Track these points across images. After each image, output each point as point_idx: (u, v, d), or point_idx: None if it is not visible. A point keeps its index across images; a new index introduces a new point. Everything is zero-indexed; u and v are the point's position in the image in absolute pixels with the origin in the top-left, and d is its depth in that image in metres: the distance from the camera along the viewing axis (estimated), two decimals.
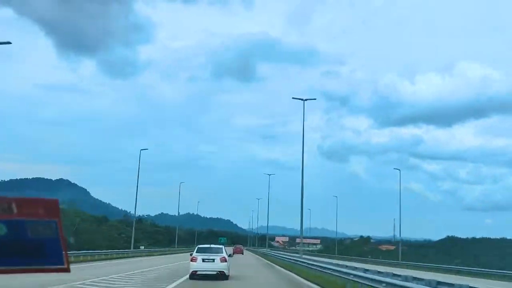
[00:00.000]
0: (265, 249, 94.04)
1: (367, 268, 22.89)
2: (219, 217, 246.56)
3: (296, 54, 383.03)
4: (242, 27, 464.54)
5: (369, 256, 72.44)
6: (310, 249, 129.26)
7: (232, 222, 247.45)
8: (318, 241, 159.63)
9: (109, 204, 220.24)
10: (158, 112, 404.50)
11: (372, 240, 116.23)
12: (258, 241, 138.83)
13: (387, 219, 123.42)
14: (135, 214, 71.56)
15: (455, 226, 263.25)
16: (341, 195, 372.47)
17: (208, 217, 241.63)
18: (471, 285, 13.51)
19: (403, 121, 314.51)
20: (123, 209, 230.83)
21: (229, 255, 25.76)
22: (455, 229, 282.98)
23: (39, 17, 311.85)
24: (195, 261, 23.08)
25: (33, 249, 2.47)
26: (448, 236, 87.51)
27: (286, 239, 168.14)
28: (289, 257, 45.01)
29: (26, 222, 2.44)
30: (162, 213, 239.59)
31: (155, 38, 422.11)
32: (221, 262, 23.08)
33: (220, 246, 25.67)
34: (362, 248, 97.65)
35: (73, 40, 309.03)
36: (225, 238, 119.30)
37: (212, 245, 25.85)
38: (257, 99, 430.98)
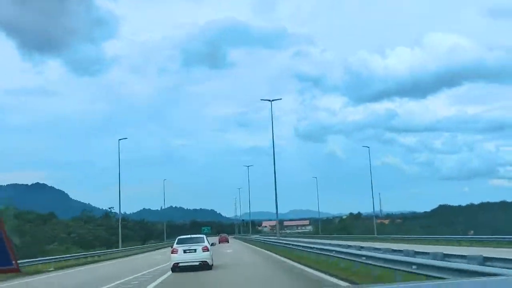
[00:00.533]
0: (253, 236, 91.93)
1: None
2: (202, 207, 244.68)
3: (265, 38, 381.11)
4: (208, 14, 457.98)
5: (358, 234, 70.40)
6: (300, 231, 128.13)
7: (216, 211, 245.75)
8: (307, 222, 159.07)
9: (89, 204, 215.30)
10: (130, 108, 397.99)
11: (362, 216, 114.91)
12: (245, 227, 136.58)
13: (368, 195, 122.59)
14: (120, 210, 66.13)
15: (438, 196, 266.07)
16: (322, 175, 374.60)
17: (191, 208, 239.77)
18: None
19: (377, 97, 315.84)
20: (104, 208, 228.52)
21: (212, 244, 24.91)
22: (438, 199, 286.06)
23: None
24: (176, 253, 22.42)
25: None
26: (440, 205, 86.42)
27: (273, 223, 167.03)
28: (273, 241, 46.22)
29: None
30: (144, 208, 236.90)
31: (119, 33, 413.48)
32: (203, 251, 22.47)
33: (201, 236, 24.97)
34: (354, 225, 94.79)
35: (35, 40, 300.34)
36: (208, 228, 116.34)
37: (193, 235, 25.34)
38: (230, 87, 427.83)
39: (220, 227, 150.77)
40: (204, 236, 24.70)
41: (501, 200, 79.03)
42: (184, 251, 22.36)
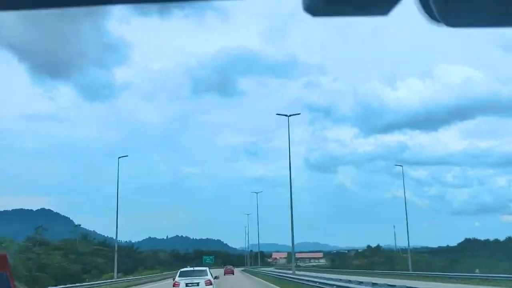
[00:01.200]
0: (263, 268, 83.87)
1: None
2: (209, 237, 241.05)
3: (275, 67, 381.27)
4: (219, 41, 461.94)
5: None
6: (314, 264, 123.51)
7: (222, 242, 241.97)
8: (321, 254, 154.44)
9: (94, 231, 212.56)
10: (140, 135, 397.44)
11: (382, 249, 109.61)
12: (252, 259, 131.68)
13: (381, 228, 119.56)
14: (116, 237, 56.01)
15: (450, 230, 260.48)
16: (331, 206, 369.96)
17: (197, 238, 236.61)
18: None
19: (388, 128, 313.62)
20: (108, 236, 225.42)
21: (215, 277, 24.38)
22: (450, 233, 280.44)
23: (10, 43, 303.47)
24: (178, 286, 21.90)
25: None
26: (466, 239, 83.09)
27: (284, 254, 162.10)
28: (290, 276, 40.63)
29: None
30: (149, 237, 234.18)
31: (130, 59, 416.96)
32: (206, 285, 21.89)
33: (204, 268, 24.43)
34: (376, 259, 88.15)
35: (47, 64, 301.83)
36: (211, 257, 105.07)
37: (196, 268, 24.68)
38: (240, 116, 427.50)
39: (226, 257, 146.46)
40: (207, 269, 24.08)
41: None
42: (186, 285, 21.70)
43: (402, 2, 1.19)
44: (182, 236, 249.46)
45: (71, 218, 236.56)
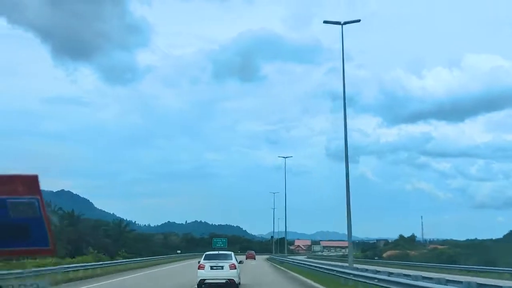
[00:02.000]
0: (295, 258, 73.19)
1: None
2: (228, 223, 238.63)
3: (299, 51, 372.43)
4: (242, 25, 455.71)
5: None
6: (342, 253, 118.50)
7: (241, 228, 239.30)
8: (347, 243, 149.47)
9: (113, 214, 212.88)
10: (162, 120, 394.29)
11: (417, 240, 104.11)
12: (274, 246, 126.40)
13: (402, 219, 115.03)
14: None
15: (471, 224, 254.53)
16: (353, 197, 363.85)
17: (216, 224, 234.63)
18: None
19: (412, 118, 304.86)
20: (127, 219, 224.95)
21: (240, 262, 24.21)
22: (472, 227, 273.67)
23: (32, 23, 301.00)
24: (203, 269, 22.13)
25: (16, 229, 2.41)
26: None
27: (306, 242, 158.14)
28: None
29: (5, 201, 2.37)
30: (168, 221, 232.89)
31: (152, 41, 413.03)
32: (231, 269, 22.02)
33: (229, 253, 24.33)
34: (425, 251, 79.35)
35: (68, 45, 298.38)
36: (223, 240, 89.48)
37: (221, 251, 25.35)
38: (261, 102, 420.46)
39: (246, 243, 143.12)
40: (232, 253, 24.01)
41: None
42: (211, 268, 22.01)
43: None
44: (201, 221, 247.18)
45: (90, 201, 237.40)
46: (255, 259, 72.67)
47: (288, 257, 73.64)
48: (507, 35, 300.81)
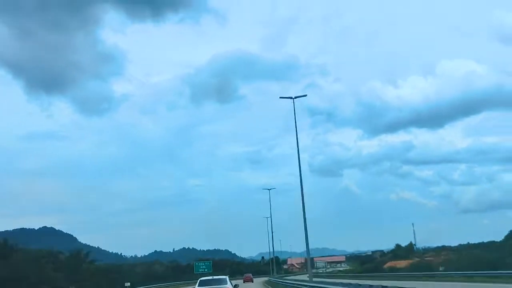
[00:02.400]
0: (294, 278, 69.39)
1: None
2: (216, 248, 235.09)
3: (275, 70, 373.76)
4: (218, 47, 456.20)
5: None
6: (339, 269, 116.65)
7: (230, 251, 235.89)
8: (342, 258, 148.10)
9: (98, 247, 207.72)
10: (141, 149, 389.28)
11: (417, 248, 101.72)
12: (266, 267, 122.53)
13: (390, 230, 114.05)
14: None
15: (459, 229, 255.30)
16: (338, 210, 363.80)
17: (205, 249, 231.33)
18: None
19: (392, 128, 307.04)
20: (113, 252, 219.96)
21: (235, 286, 23.52)
22: (461, 232, 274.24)
23: (2, 59, 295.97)
24: None
25: None
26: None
27: (299, 260, 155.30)
28: None
29: None
30: (155, 251, 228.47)
31: (127, 69, 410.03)
32: None
33: (224, 277, 23.57)
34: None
35: (41, 78, 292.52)
36: (207, 263, 78.11)
37: (215, 276, 24.08)
38: (241, 123, 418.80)
39: (236, 266, 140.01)
40: (227, 277, 23.27)
41: None
42: None
43: None
44: (189, 248, 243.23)
45: (74, 235, 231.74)
46: (253, 281, 71.15)
47: (287, 277, 71.18)
48: (479, 40, 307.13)
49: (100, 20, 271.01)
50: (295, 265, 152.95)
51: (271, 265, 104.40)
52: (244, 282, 61.59)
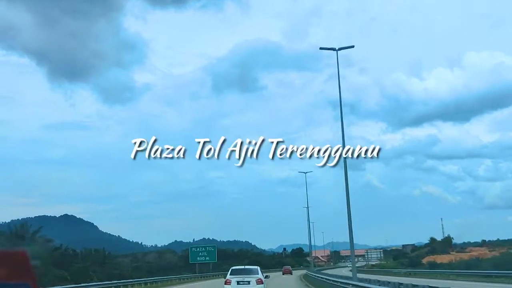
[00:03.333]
0: (341, 270, 64.42)
1: None
2: (236, 239, 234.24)
3: (297, 60, 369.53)
4: (240, 37, 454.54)
5: None
6: (373, 263, 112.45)
7: (250, 243, 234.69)
8: (363, 251, 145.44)
9: (119, 236, 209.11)
10: (162, 139, 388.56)
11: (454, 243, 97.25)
12: (288, 259, 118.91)
13: (413, 224, 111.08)
14: None
15: (484, 226, 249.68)
16: (360, 204, 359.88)
17: (224, 240, 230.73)
18: None
19: (417, 121, 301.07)
20: (133, 241, 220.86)
21: (266, 277, 24.30)
22: (485, 229, 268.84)
23: (26, 47, 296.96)
24: (229, 284, 22.09)
25: None
26: None
27: (323, 252, 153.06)
28: None
29: None
30: (175, 240, 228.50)
31: (148, 58, 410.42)
32: (257, 284, 21.89)
33: (256, 267, 24.21)
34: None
35: (64, 66, 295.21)
36: (212, 249, 70.15)
37: (247, 266, 24.99)
38: (263, 115, 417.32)
39: (255, 257, 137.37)
40: (258, 268, 23.99)
41: None
42: (238, 283, 21.88)
43: None
44: (209, 238, 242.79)
45: (95, 224, 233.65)
46: (291, 274, 70.57)
47: (324, 271, 60.89)
48: (508, 31, 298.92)
49: (122, 7, 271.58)
50: (320, 257, 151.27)
51: (310, 255, 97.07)
52: (283, 274, 63.94)
